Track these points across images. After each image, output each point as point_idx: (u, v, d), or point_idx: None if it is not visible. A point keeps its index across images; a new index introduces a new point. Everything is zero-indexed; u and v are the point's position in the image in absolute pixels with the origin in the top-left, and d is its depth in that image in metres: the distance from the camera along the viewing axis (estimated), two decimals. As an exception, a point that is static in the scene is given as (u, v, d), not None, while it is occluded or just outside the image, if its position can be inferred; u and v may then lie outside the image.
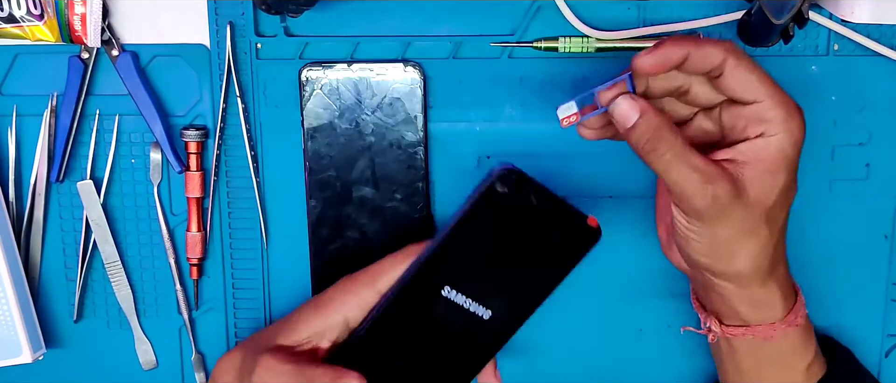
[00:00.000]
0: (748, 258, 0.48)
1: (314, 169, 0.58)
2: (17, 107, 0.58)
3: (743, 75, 0.46)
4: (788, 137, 0.46)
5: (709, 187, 0.45)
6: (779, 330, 0.51)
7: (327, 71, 0.57)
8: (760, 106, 0.46)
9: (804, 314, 0.52)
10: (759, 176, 0.46)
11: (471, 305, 0.50)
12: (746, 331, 0.51)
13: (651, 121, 0.45)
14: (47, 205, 0.60)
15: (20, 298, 0.58)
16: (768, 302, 0.50)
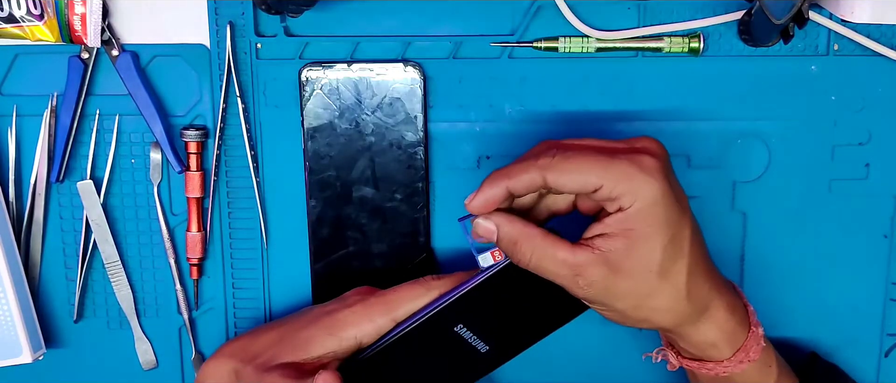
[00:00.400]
0: (662, 315, 0.48)
1: (314, 169, 0.58)
2: (17, 108, 0.58)
3: (569, 178, 0.46)
4: (643, 201, 0.45)
5: (580, 277, 0.47)
6: (730, 366, 0.51)
7: (327, 71, 0.57)
8: (602, 190, 0.46)
9: (758, 348, 0.51)
10: (632, 244, 0.46)
11: (474, 340, 0.53)
12: (700, 366, 0.51)
13: (507, 231, 0.48)
14: (47, 205, 0.60)
15: (20, 298, 0.58)
16: (710, 343, 0.50)
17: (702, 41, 0.57)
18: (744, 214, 0.60)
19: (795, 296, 0.61)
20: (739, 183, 0.59)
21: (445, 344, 0.53)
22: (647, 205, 0.45)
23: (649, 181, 0.45)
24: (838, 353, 0.62)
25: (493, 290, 0.52)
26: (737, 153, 0.59)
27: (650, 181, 0.45)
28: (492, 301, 0.52)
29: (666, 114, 0.58)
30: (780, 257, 0.61)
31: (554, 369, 0.63)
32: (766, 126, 0.59)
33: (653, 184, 0.45)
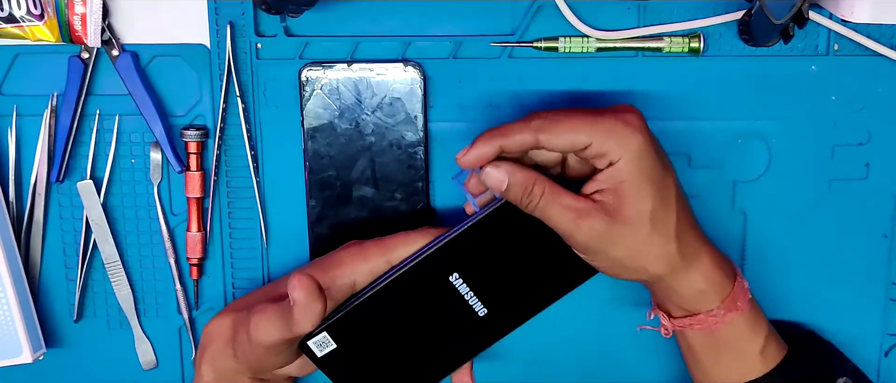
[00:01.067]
0: (654, 261, 0.50)
1: (314, 169, 0.58)
2: (17, 107, 0.58)
3: (560, 138, 0.49)
4: (631, 154, 0.49)
5: (583, 222, 0.49)
6: (720, 317, 0.52)
7: (327, 71, 0.57)
8: (592, 147, 0.49)
9: (746, 299, 0.53)
10: (625, 196, 0.49)
11: (472, 298, 0.52)
12: (691, 321, 0.53)
13: (519, 178, 0.49)
14: (47, 205, 0.60)
15: (20, 298, 0.58)
16: (698, 294, 0.52)
17: (702, 41, 0.57)
18: (744, 214, 0.60)
19: (796, 296, 0.61)
20: (739, 182, 0.59)
21: (441, 298, 0.52)
22: (634, 157, 0.49)
23: (634, 134, 0.49)
24: (838, 353, 0.62)
25: (489, 238, 0.51)
26: (737, 153, 0.59)
27: (635, 134, 0.49)
28: (487, 250, 0.51)
29: (666, 114, 0.58)
30: (780, 257, 0.61)
31: (554, 372, 0.63)
32: (766, 126, 0.59)
33: (638, 137, 0.49)
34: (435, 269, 0.52)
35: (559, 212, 0.49)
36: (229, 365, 0.54)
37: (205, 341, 0.55)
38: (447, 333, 0.53)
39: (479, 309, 0.52)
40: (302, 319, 0.50)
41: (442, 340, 0.53)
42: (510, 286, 0.52)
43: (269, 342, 0.50)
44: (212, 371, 0.55)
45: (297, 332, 0.50)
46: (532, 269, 0.52)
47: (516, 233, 0.51)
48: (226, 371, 0.54)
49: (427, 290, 0.52)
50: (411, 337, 0.53)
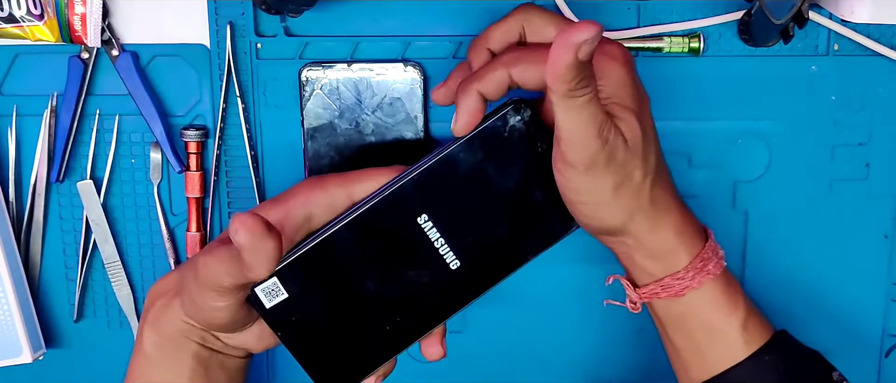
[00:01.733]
0: (634, 198, 0.47)
1: (314, 169, 0.58)
2: (17, 108, 0.58)
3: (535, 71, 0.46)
4: (614, 84, 0.46)
5: (606, 127, 0.45)
6: (686, 280, 0.48)
7: (327, 71, 0.57)
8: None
9: (718, 264, 0.49)
10: (620, 115, 0.46)
11: (442, 247, 0.47)
12: (657, 286, 0.49)
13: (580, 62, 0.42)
14: (47, 205, 0.60)
15: (20, 298, 0.58)
16: (668, 249, 0.48)
17: (702, 41, 0.57)
18: (745, 214, 0.60)
19: (796, 296, 0.61)
20: (740, 182, 0.59)
21: (409, 244, 0.47)
22: (617, 87, 0.47)
23: (616, 65, 0.47)
24: (838, 353, 0.62)
25: (463, 174, 0.47)
26: (737, 153, 0.59)
27: (617, 65, 0.47)
28: (461, 188, 0.47)
29: (666, 114, 0.58)
30: (780, 257, 0.61)
31: (554, 371, 0.63)
32: (766, 126, 0.59)
33: (620, 68, 0.47)
34: (401, 207, 0.46)
35: (593, 110, 0.44)
36: (175, 325, 0.48)
37: (147, 304, 0.50)
38: (415, 288, 0.48)
39: (450, 261, 0.47)
40: (253, 263, 0.43)
41: (409, 296, 0.48)
42: (485, 235, 0.47)
43: (219, 285, 0.44)
44: (155, 334, 0.49)
45: (251, 278, 0.44)
46: (509, 216, 0.47)
47: (494, 169, 0.47)
48: (171, 332, 0.48)
49: (393, 233, 0.46)
50: (375, 290, 0.47)
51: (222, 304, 0.46)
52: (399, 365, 0.62)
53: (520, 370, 0.62)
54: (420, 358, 0.62)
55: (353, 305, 0.48)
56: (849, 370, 0.62)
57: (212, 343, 0.50)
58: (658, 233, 0.48)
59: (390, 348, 0.49)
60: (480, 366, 0.62)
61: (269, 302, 0.46)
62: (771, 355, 0.50)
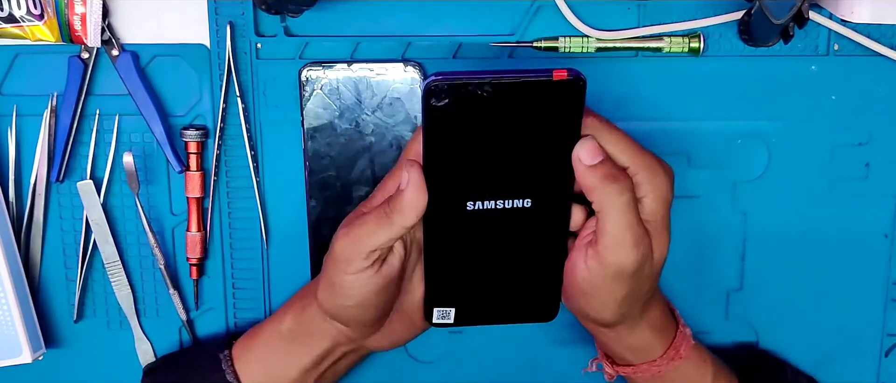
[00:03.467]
0: (625, 308, 0.50)
1: (314, 169, 0.58)
2: (17, 107, 0.58)
3: (608, 144, 0.47)
4: (662, 197, 0.48)
5: (644, 240, 0.47)
6: (661, 366, 0.54)
7: (327, 71, 0.57)
8: (629, 170, 0.48)
9: (688, 346, 0.54)
10: (655, 237, 0.49)
11: (505, 203, 0.48)
12: (634, 371, 0.54)
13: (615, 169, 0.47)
14: (47, 205, 0.60)
15: (20, 298, 0.58)
16: (645, 345, 0.53)
17: (702, 41, 0.57)
18: (744, 214, 0.60)
19: (796, 296, 0.61)
20: (740, 183, 0.59)
21: (484, 227, 0.48)
22: (660, 204, 0.48)
23: (667, 178, 0.48)
24: (838, 353, 0.62)
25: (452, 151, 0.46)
26: (737, 153, 0.59)
27: (668, 179, 0.48)
28: (467, 161, 0.47)
29: (666, 114, 0.58)
30: (780, 257, 0.61)
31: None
32: (766, 126, 0.59)
33: (666, 186, 0.48)
34: (446, 214, 0.48)
35: (634, 218, 0.47)
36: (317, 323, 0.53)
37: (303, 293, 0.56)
38: (519, 242, 0.49)
39: (522, 204, 0.48)
40: (411, 205, 0.46)
41: (521, 251, 0.50)
42: (523, 170, 0.47)
43: (369, 248, 0.47)
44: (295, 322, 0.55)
45: (403, 225, 0.47)
46: (526, 145, 0.47)
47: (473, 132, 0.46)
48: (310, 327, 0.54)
49: (461, 231, 0.49)
50: (495, 273, 0.51)
51: (358, 281, 0.48)
52: (399, 365, 0.63)
53: (520, 370, 0.62)
54: (420, 358, 0.63)
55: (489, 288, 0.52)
56: (849, 370, 0.62)
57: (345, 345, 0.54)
58: (637, 332, 0.53)
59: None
60: (480, 366, 0.62)
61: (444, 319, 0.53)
62: None
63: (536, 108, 0.46)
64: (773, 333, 0.62)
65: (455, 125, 0.46)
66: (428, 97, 0.45)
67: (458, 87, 0.45)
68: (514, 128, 0.46)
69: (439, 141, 0.46)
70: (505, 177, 0.48)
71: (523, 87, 0.45)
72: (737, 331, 0.62)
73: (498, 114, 0.45)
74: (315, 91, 0.57)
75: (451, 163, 0.47)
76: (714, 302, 0.61)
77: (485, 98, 0.45)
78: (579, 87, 0.45)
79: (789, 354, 0.62)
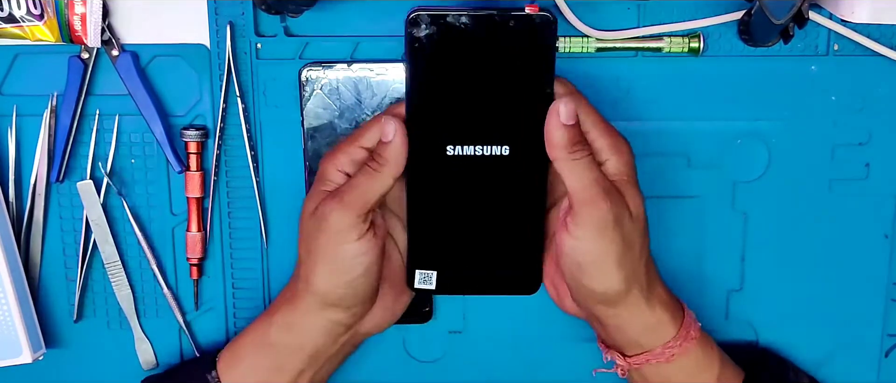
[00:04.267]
0: (630, 273, 0.51)
1: (314, 169, 0.58)
2: (17, 107, 0.58)
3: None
4: (625, 159, 0.51)
5: (613, 191, 0.50)
6: (675, 348, 0.53)
7: (327, 71, 0.57)
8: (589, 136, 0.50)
9: (697, 328, 0.54)
10: (626, 190, 0.51)
11: (483, 150, 0.51)
12: (649, 357, 0.53)
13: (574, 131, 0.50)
14: (47, 205, 0.60)
15: (20, 298, 0.58)
16: (659, 322, 0.53)
17: (702, 41, 0.57)
18: (744, 214, 0.60)
19: (795, 296, 0.61)
20: (740, 183, 0.59)
21: (463, 173, 0.51)
22: (623, 165, 0.51)
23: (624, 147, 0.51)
24: (838, 353, 0.62)
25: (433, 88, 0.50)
26: (737, 153, 0.59)
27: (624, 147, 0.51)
28: (448, 100, 0.50)
29: (666, 114, 0.58)
30: (780, 257, 0.60)
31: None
32: (766, 126, 0.59)
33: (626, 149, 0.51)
34: (426, 155, 0.50)
35: (596, 177, 0.50)
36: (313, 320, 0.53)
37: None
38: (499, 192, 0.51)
39: (499, 152, 0.51)
40: (393, 158, 0.50)
41: (502, 201, 0.52)
42: (501, 113, 0.50)
43: (366, 203, 0.50)
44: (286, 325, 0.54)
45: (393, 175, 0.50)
46: (503, 84, 0.50)
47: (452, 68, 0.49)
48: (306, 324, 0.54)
49: (441, 176, 0.51)
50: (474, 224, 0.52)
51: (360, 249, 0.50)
52: (399, 365, 0.62)
53: (520, 370, 0.62)
54: (420, 358, 0.62)
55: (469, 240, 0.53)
56: (849, 370, 0.62)
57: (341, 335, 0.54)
58: (652, 309, 0.53)
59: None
60: (480, 366, 0.62)
61: (426, 283, 0.54)
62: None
63: (512, 44, 0.49)
64: (774, 333, 0.62)
65: (435, 60, 0.49)
66: (409, 27, 0.48)
67: (438, 17, 0.48)
68: (491, 67, 0.49)
69: (420, 78, 0.49)
70: (484, 121, 0.50)
71: (499, 19, 0.48)
72: (737, 331, 0.62)
73: (476, 48, 0.49)
74: (315, 91, 0.57)
75: (432, 102, 0.50)
76: (714, 302, 0.61)
77: (463, 30, 0.49)
78: (550, 21, 0.49)
79: (789, 354, 0.62)
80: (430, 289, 0.54)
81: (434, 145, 0.51)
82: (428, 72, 0.49)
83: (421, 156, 0.51)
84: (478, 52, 0.49)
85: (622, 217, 0.50)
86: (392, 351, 0.62)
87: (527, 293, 0.55)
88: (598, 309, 0.52)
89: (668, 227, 0.60)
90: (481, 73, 0.49)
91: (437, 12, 0.48)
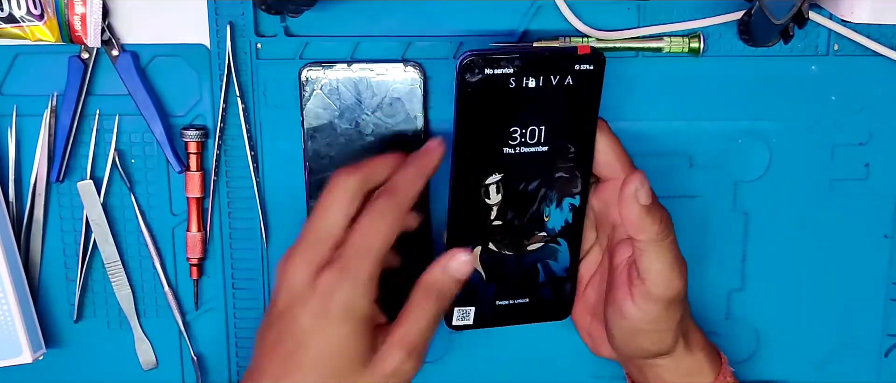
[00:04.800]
0: (676, 330, 0.52)
1: (314, 169, 0.58)
2: (17, 107, 0.58)
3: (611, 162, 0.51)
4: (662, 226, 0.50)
5: (685, 266, 0.50)
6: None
7: (327, 71, 0.57)
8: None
9: (731, 373, 0.55)
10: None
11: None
12: None
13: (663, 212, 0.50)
14: (47, 205, 0.60)
15: (20, 298, 0.58)
16: (698, 369, 0.54)
17: (702, 41, 0.57)
18: (745, 214, 0.60)
19: (796, 296, 0.61)
20: (740, 183, 0.59)
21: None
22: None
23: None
24: (838, 353, 0.62)
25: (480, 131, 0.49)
26: (737, 153, 0.59)
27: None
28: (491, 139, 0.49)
29: (666, 114, 0.58)
30: (780, 257, 0.61)
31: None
32: (766, 126, 0.59)
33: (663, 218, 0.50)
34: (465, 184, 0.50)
35: (676, 256, 0.50)
36: None
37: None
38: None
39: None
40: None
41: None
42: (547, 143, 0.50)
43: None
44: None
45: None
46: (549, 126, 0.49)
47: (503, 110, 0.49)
48: None
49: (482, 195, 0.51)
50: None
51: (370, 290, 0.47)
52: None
53: (520, 370, 0.62)
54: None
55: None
56: (849, 370, 0.62)
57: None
58: (693, 356, 0.54)
59: None
60: (481, 366, 0.62)
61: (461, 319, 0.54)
62: None
63: (563, 85, 0.48)
64: (774, 333, 0.62)
65: (485, 103, 0.48)
66: (463, 73, 0.47)
67: (492, 61, 0.47)
68: (539, 107, 0.49)
69: (471, 120, 0.48)
70: (530, 163, 0.50)
71: (551, 58, 0.48)
72: (737, 331, 0.62)
73: (526, 89, 0.48)
74: (315, 91, 0.57)
75: (480, 144, 0.49)
76: (715, 302, 0.61)
77: (514, 72, 0.47)
78: (600, 61, 0.48)
79: (789, 354, 0.62)
80: (469, 324, 0.54)
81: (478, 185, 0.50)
82: (478, 114, 0.48)
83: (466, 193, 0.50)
84: (528, 92, 0.48)
85: (685, 287, 0.51)
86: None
87: (559, 319, 0.56)
88: (643, 361, 0.54)
89: (669, 227, 0.60)
90: (530, 114, 0.49)
91: (492, 55, 0.47)
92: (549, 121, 0.49)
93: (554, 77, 0.48)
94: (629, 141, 0.52)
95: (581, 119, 0.49)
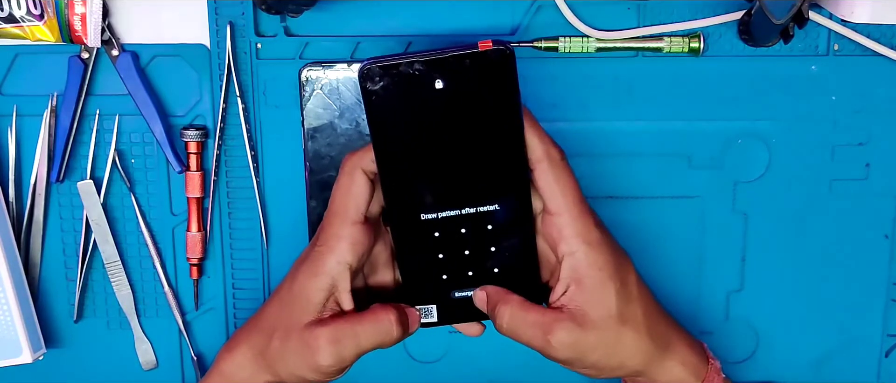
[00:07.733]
0: (631, 357, 0.50)
1: (314, 169, 0.58)
2: (17, 108, 0.58)
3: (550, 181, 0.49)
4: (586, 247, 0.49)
5: (551, 337, 0.49)
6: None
7: (327, 71, 0.57)
8: (560, 219, 0.49)
9: (721, 379, 0.53)
10: (591, 293, 0.49)
11: (465, 211, 0.49)
12: None
13: (490, 294, 0.51)
14: (47, 205, 0.60)
15: (20, 298, 0.58)
16: (679, 380, 0.52)
17: (702, 41, 0.57)
18: (745, 214, 0.60)
19: (796, 296, 0.61)
20: (740, 183, 0.59)
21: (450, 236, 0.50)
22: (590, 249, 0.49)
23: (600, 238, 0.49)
24: (838, 353, 0.62)
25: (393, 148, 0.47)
26: (737, 153, 0.59)
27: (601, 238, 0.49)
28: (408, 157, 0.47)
29: (666, 114, 0.58)
30: (780, 257, 0.60)
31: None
32: (766, 126, 0.59)
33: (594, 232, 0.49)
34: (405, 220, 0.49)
35: (529, 330, 0.49)
36: None
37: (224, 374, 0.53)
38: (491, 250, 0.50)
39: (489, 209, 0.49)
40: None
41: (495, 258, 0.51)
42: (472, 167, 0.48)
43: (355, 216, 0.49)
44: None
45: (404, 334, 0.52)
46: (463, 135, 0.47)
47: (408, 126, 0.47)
48: None
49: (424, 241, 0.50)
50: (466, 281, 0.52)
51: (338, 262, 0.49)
52: (399, 365, 0.62)
53: (520, 370, 0.62)
54: (420, 358, 0.62)
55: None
56: (849, 370, 0.62)
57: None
58: (666, 371, 0.52)
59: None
60: (480, 366, 0.62)
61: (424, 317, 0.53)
62: None
63: (473, 86, 0.46)
64: (773, 334, 0.62)
65: (396, 111, 0.46)
66: (363, 82, 0.46)
67: (390, 67, 0.45)
68: (456, 112, 0.46)
69: (385, 132, 0.47)
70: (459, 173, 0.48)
71: (453, 60, 0.45)
72: (737, 332, 0.62)
73: (436, 95, 0.46)
74: (315, 91, 0.57)
75: (402, 157, 0.47)
76: (714, 302, 0.61)
77: (418, 76, 0.45)
78: (507, 55, 0.45)
79: (789, 354, 0.62)
80: (433, 322, 0.53)
81: (411, 207, 0.49)
82: (390, 125, 0.47)
83: (400, 214, 0.49)
84: (439, 98, 0.46)
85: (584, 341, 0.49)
86: (392, 351, 0.61)
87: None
88: (626, 379, 0.53)
89: (669, 227, 0.60)
90: (447, 121, 0.47)
91: (388, 63, 0.45)
92: (467, 124, 0.47)
93: (461, 79, 0.45)
94: (629, 141, 0.52)
95: (502, 115, 0.46)
